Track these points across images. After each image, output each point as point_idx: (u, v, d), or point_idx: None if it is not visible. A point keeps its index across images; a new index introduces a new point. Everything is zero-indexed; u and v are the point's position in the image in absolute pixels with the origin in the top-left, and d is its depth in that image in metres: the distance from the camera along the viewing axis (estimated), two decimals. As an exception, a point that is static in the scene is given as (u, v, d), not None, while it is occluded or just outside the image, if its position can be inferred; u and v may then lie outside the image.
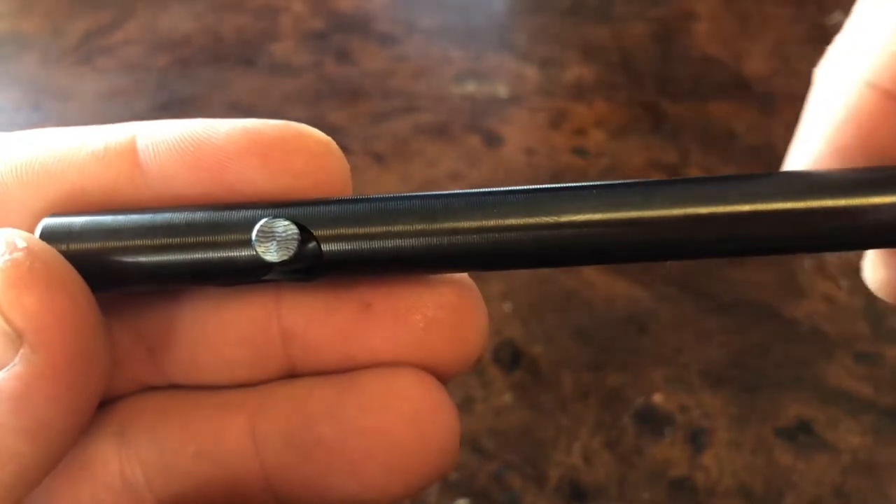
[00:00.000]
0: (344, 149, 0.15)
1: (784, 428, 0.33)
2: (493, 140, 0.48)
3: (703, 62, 0.53)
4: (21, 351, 0.12)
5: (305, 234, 0.14)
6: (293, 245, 0.13)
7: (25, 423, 0.12)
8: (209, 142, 0.14)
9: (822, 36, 0.53)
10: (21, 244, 0.12)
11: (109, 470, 0.15)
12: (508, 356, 0.36)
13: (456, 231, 0.14)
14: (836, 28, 0.15)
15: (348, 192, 0.15)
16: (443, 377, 0.15)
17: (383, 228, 0.14)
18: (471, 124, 0.49)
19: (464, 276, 0.16)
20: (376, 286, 0.15)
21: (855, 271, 0.18)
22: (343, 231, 0.14)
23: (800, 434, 0.33)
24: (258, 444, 0.15)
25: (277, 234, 0.13)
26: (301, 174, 0.14)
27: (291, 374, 0.16)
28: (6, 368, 0.12)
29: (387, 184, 0.44)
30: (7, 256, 0.12)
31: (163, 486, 0.15)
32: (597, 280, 0.39)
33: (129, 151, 0.14)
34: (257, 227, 0.13)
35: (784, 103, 0.50)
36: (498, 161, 0.46)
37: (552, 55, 0.54)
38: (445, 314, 0.15)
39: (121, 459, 0.15)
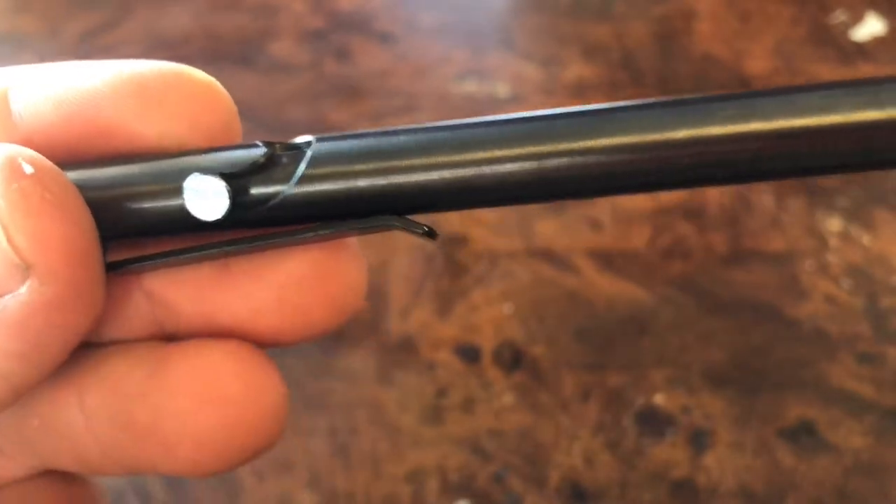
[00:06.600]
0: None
1: (786, 429, 0.33)
2: (493, 139, 0.47)
3: (705, 61, 0.53)
4: (29, 281, 0.11)
5: (238, 189, 0.12)
6: (224, 204, 0.12)
7: (22, 348, 0.12)
8: (82, 83, 0.13)
9: (823, 35, 0.53)
10: (29, 169, 0.11)
11: None
12: (509, 357, 0.36)
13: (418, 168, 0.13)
14: (838, 27, 0.15)
15: (236, 136, 0.14)
16: (312, 334, 0.15)
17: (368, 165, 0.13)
18: (471, 123, 0.48)
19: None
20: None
21: (857, 271, 0.18)
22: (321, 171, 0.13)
23: (802, 435, 0.33)
24: (87, 419, 0.14)
25: (207, 192, 0.12)
26: (180, 115, 0.14)
27: (163, 336, 0.15)
28: (10, 295, 0.11)
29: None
30: (14, 185, 0.11)
31: (22, 458, 0.15)
32: (598, 280, 0.39)
33: (2, 101, 0.13)
34: (185, 183, 0.12)
35: (785, 102, 0.49)
36: (498, 160, 0.46)
37: (553, 54, 0.54)
38: (307, 269, 0.14)
39: None
